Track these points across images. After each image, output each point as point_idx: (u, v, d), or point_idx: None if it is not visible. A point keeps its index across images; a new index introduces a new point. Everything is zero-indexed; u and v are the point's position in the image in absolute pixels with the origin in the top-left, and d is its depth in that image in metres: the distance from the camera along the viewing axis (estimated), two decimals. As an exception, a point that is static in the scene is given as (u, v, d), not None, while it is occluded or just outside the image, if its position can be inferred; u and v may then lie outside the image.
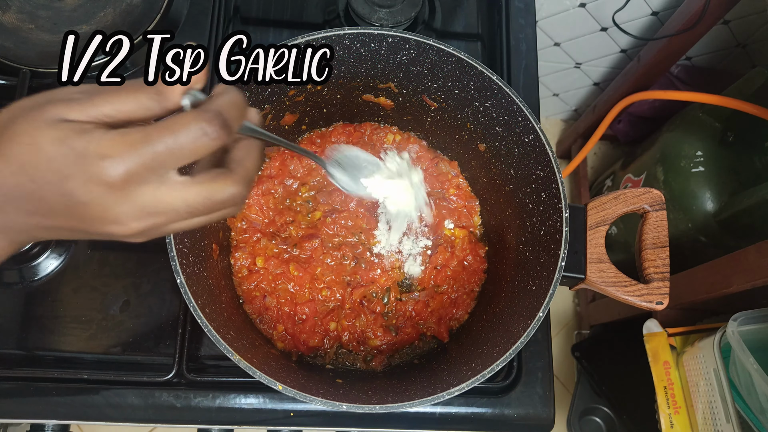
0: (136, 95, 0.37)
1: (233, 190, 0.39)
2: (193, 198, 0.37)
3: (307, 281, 0.71)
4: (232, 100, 0.39)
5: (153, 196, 0.36)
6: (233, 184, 0.39)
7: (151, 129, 0.35)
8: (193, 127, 0.36)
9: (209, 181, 0.38)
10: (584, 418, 1.40)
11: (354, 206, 0.75)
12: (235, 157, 0.41)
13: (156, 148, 0.35)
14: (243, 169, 0.40)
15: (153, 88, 0.38)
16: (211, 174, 0.39)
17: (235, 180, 0.39)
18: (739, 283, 0.90)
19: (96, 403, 0.68)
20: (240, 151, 0.41)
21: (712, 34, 1.31)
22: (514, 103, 0.64)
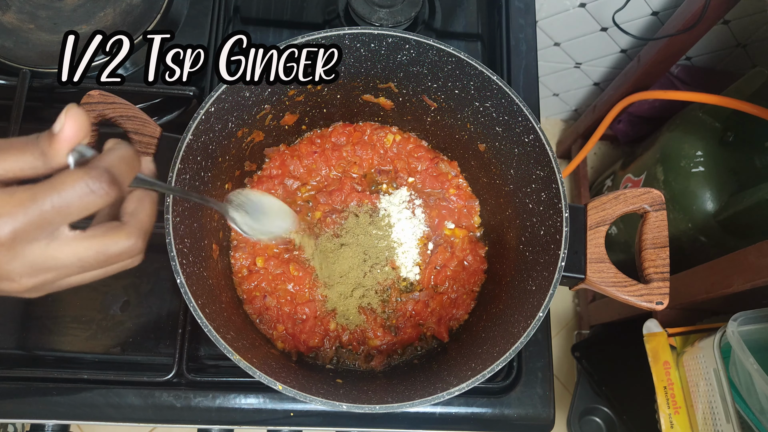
0: (21, 155, 0.37)
1: (126, 243, 0.40)
2: (84, 253, 0.38)
3: (307, 281, 0.71)
4: (121, 156, 0.39)
5: (42, 253, 0.37)
6: (126, 237, 0.39)
7: (37, 188, 0.35)
8: (78, 184, 0.36)
9: (101, 236, 0.38)
10: (584, 418, 1.40)
11: (354, 205, 0.75)
12: (128, 209, 0.41)
13: (43, 206, 0.35)
14: (136, 221, 0.41)
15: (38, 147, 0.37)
16: (102, 228, 0.39)
17: (129, 233, 0.40)
18: (739, 283, 0.90)
19: (96, 403, 0.68)
20: (132, 203, 0.42)
21: (712, 34, 1.31)
22: (514, 103, 0.64)
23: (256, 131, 0.71)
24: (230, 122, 0.65)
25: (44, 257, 0.37)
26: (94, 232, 0.38)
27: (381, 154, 0.78)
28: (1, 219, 0.35)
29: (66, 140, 0.37)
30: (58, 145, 0.37)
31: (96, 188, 0.36)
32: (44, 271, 0.38)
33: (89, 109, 0.62)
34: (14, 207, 0.35)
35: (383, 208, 0.75)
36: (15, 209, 0.35)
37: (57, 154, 0.38)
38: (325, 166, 0.77)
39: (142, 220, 0.41)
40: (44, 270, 0.37)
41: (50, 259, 0.37)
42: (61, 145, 0.37)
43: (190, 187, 0.60)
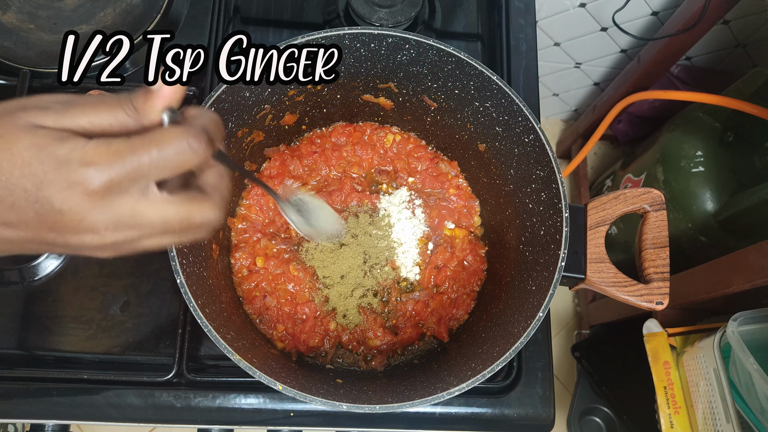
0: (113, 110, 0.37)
1: (211, 214, 0.39)
2: (171, 215, 0.37)
3: (307, 281, 0.71)
4: (214, 119, 0.39)
5: (132, 208, 0.36)
6: (211, 208, 0.39)
7: (136, 140, 0.35)
8: (180, 140, 0.36)
9: (188, 202, 0.38)
10: (584, 418, 1.40)
11: (354, 205, 0.75)
12: (210, 182, 0.41)
13: (141, 159, 0.35)
14: (219, 194, 0.41)
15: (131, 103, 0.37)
16: (190, 195, 0.39)
17: (214, 204, 0.40)
18: (739, 283, 0.90)
19: (96, 403, 0.68)
20: (214, 177, 0.41)
21: (712, 34, 1.31)
22: (514, 103, 0.64)
23: (256, 131, 0.71)
24: (230, 122, 0.65)
25: (132, 212, 0.36)
26: (182, 197, 0.38)
27: (381, 154, 0.78)
28: (96, 168, 0.34)
29: (163, 97, 0.37)
30: (154, 101, 0.37)
31: (195, 146, 0.36)
32: (129, 228, 0.37)
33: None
34: (111, 157, 0.34)
35: (383, 208, 0.75)
36: (112, 159, 0.34)
37: (152, 110, 0.37)
38: (325, 166, 0.77)
39: (223, 194, 0.41)
40: (129, 226, 0.36)
41: (137, 215, 0.36)
42: (157, 101, 0.37)
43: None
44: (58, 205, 0.34)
